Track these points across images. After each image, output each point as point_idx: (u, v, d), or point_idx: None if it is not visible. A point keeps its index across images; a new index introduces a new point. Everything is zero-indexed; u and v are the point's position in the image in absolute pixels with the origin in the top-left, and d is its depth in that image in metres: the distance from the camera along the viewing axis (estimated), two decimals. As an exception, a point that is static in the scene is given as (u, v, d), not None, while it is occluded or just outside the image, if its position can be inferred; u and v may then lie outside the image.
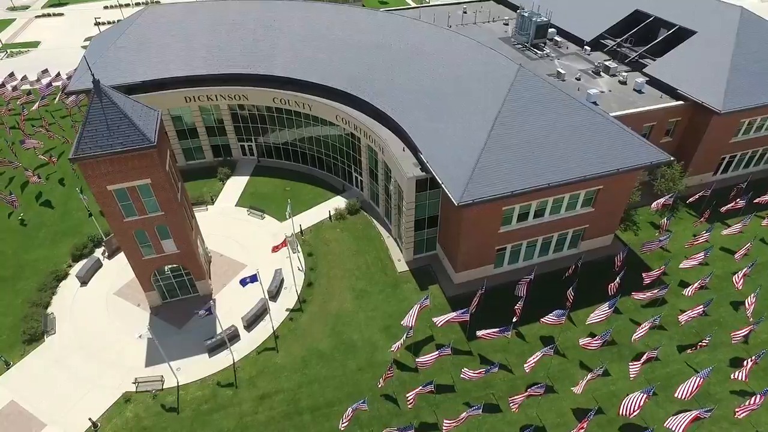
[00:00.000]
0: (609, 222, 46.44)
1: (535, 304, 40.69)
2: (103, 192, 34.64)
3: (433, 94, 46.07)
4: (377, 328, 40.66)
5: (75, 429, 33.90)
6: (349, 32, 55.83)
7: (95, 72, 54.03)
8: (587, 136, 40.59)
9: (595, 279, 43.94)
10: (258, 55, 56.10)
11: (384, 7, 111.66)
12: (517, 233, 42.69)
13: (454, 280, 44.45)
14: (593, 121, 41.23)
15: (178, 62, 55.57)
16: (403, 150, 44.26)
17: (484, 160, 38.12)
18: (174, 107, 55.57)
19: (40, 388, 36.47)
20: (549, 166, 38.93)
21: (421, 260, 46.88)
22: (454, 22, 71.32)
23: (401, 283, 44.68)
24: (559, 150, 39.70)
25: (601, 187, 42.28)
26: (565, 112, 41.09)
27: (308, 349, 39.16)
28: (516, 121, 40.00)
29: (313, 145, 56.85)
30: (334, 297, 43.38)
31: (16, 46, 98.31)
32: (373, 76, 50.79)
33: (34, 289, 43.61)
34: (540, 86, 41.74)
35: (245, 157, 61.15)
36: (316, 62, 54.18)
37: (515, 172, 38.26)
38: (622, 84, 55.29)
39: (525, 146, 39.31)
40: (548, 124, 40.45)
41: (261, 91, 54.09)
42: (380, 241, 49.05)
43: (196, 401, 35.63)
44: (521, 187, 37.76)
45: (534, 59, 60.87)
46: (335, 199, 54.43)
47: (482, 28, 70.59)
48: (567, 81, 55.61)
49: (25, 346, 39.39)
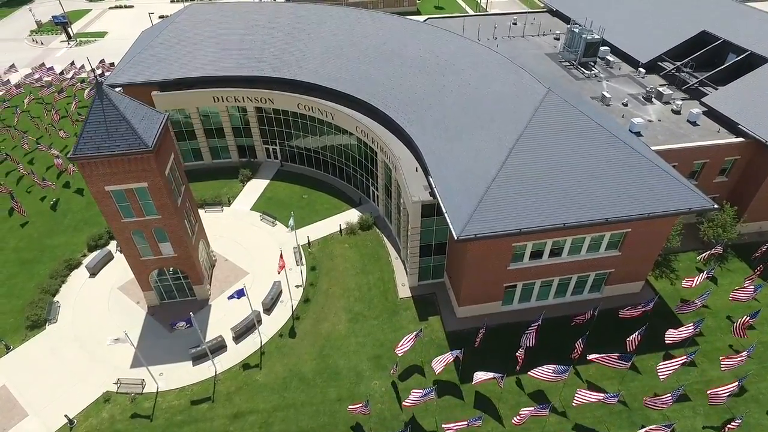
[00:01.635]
0: (639, 268, 41.75)
1: (542, 349, 37.27)
2: (101, 192, 34.86)
3: (455, 112, 43.29)
4: (366, 357, 38.61)
5: (53, 423, 34.37)
6: (379, 41, 53.95)
7: (133, 68, 55.70)
8: (617, 173, 36.40)
9: (615, 330, 39.57)
10: (287, 59, 55.48)
11: (438, 12, 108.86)
12: (530, 271, 39.17)
13: (457, 313, 41.55)
14: (626, 157, 36.93)
15: (210, 62, 55.97)
16: (416, 170, 41.87)
17: (494, 191, 35.01)
18: (203, 106, 56.07)
19: (31, 377, 37.42)
20: (568, 204, 35.21)
21: (425, 287, 44.28)
22: (500, 33, 67.66)
23: (400, 310, 42.33)
24: (582, 186, 35.83)
25: (630, 230, 37.91)
26: (593, 144, 37.10)
27: (291, 370, 37.77)
28: (535, 151, 36.52)
29: (335, 154, 55.54)
30: (328, 317, 41.76)
31: (85, 35, 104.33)
32: (397, 88, 48.65)
33: (46, 275, 45.13)
34: (569, 113, 37.95)
35: (269, 160, 60.89)
36: (343, 70, 52.76)
37: (528, 208, 34.88)
38: (675, 113, 49.81)
39: (542, 179, 35.77)
40: (572, 157, 36.65)
41: (286, 95, 53.38)
42: (387, 262, 46.88)
43: (171, 411, 35.18)
44: (532, 225, 34.36)
45: (579, 79, 56.30)
46: (350, 212, 52.81)
47: (530, 41, 66.45)
48: (612, 106, 50.84)
49: (27, 331, 40.70)
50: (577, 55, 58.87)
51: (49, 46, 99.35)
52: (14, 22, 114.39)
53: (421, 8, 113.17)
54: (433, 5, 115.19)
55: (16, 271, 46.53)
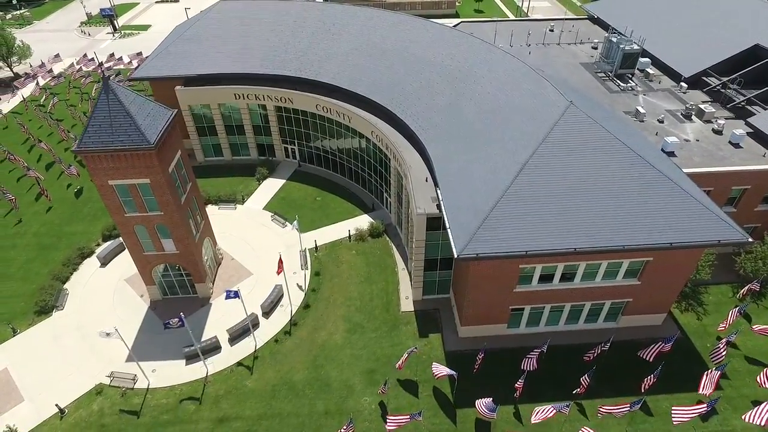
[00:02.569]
0: (661, 299, 38.57)
1: (547, 379, 35.06)
2: (105, 186, 35.05)
3: (471, 122, 41.36)
4: (359, 370, 37.31)
5: (45, 411, 34.84)
6: (403, 44, 52.52)
7: (160, 62, 56.44)
8: (638, 197, 33.59)
9: (629, 364, 36.68)
10: (310, 59, 54.87)
11: (477, 16, 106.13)
12: (538, 295, 36.82)
13: (459, 333, 39.63)
14: (650, 179, 34.04)
15: (234, 59, 56.09)
16: (426, 180, 40.23)
17: (502, 209, 32.96)
18: (224, 102, 56.25)
19: (32, 362, 38.16)
20: (581, 227, 32.73)
21: (430, 302, 42.55)
22: (534, 40, 64.86)
23: (401, 324, 40.80)
24: (599, 209, 33.25)
25: (651, 259, 34.95)
26: (615, 164, 34.40)
27: (282, 377, 36.94)
28: (550, 168, 34.19)
29: (351, 157, 54.50)
30: (326, 325, 40.72)
31: (129, 28, 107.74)
32: (415, 93, 47.11)
33: (60, 262, 46.17)
34: (590, 129, 35.35)
35: (287, 160, 60.53)
36: (363, 72, 51.66)
37: (537, 229, 32.64)
38: (716, 133, 45.99)
39: (555, 199, 33.42)
40: (590, 176, 34.09)
41: (305, 96, 52.76)
42: (393, 272, 45.41)
43: (158, 409, 35.01)
44: (540, 247, 32.11)
45: (613, 92, 53.01)
46: (361, 218, 51.65)
47: (565, 49, 63.33)
48: (646, 122, 47.49)
49: (35, 316, 41.65)
50: (613, 67, 55.50)
51: (96, 37, 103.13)
52: (69, 13, 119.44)
53: (460, 11, 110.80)
54: (473, 8, 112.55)
55: (34, 256, 47.90)
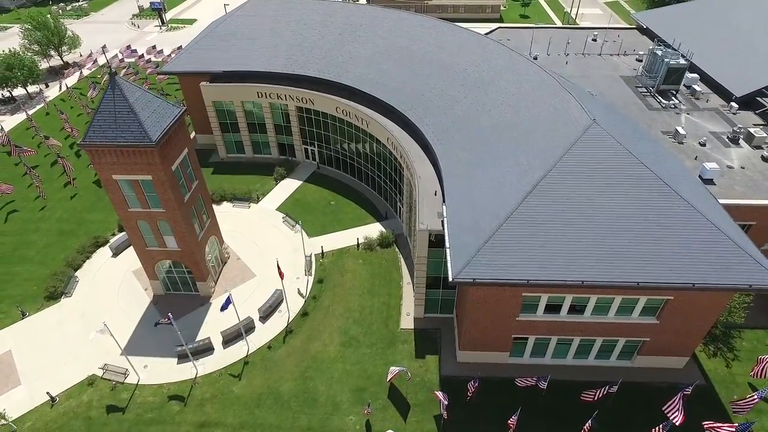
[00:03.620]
0: (683, 341, 35.03)
1: (546, 416, 32.55)
2: (109, 180, 35.29)
3: (488, 135, 39.12)
4: (348, 387, 35.93)
5: (38, 397, 35.48)
6: (428, 49, 50.67)
7: (189, 57, 57.08)
8: (660, 229, 30.47)
9: (640, 409, 33.53)
10: (334, 60, 53.95)
11: (523, 22, 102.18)
12: (544, 326, 34.23)
13: (458, 357, 37.50)
14: (676, 210, 30.81)
15: (259, 57, 55.93)
16: (435, 194, 38.35)
17: (506, 232, 30.69)
18: (247, 100, 56.21)
19: (35, 347, 39.08)
20: (592, 258, 30.00)
21: (431, 321, 40.60)
22: (573, 49, 61.33)
23: (398, 341, 39.10)
24: (614, 240, 30.39)
25: (671, 298, 31.69)
26: (636, 191, 31.36)
27: (270, 386, 36.09)
28: (563, 191, 31.58)
29: (368, 163, 53.16)
30: (321, 336, 39.59)
31: (176, 22, 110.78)
32: (435, 101, 45.25)
33: (75, 249, 47.32)
34: (612, 152, 32.43)
35: (307, 161, 59.90)
36: (385, 77, 50.21)
37: (542, 256, 30.18)
38: (765, 161, 41.62)
39: (566, 226, 30.82)
40: (607, 204, 31.23)
41: (325, 97, 51.83)
42: (398, 286, 43.74)
43: (144, 406, 34.93)
44: (544, 277, 29.65)
45: (653, 109, 49.14)
46: (373, 226, 50.22)
47: (606, 61, 59.51)
48: (685, 144, 43.62)
49: (44, 301, 42.75)
50: (656, 82, 51.46)
51: (144, 29, 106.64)
52: (123, 6, 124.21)
53: (504, 16, 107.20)
54: (518, 14, 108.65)
55: (53, 241, 49.39)
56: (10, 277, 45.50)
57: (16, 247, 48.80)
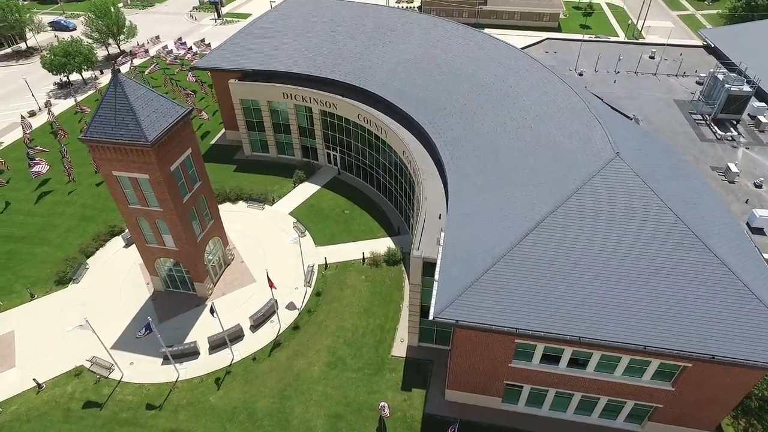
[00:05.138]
0: (704, 413, 30.53)
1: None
2: (109, 176, 35.41)
3: (502, 157, 36.02)
4: (325, 412, 34.15)
5: (28, 382, 36.24)
6: (458, 59, 47.85)
7: (221, 53, 57.37)
8: (680, 287, 26.44)
9: (640, 487, 29.55)
10: (362, 65, 52.27)
11: (582, 32, 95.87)
12: (540, 376, 30.86)
13: (446, 395, 34.74)
14: (703, 266, 26.63)
15: (287, 57, 55.24)
16: (439, 217, 35.76)
17: (499, 271, 27.74)
18: (273, 100, 55.64)
19: (36, 330, 40.12)
20: (595, 312, 26.49)
21: (425, 351, 38.02)
22: (625, 66, 56.29)
23: (386, 369, 36.85)
24: (624, 293, 26.68)
25: (690, 366, 27.50)
26: (656, 241, 27.42)
27: (246, 401, 34.97)
28: (570, 231, 28.15)
29: (386, 174, 51.07)
30: (308, 353, 38.05)
31: (232, 16, 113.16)
32: (456, 115, 42.60)
33: (91, 236, 48.50)
34: (634, 191, 28.55)
35: (329, 166, 58.61)
36: (410, 86, 47.93)
37: (538, 303, 27.00)
38: (833, 212, 35.71)
39: (568, 271, 27.41)
40: (619, 251, 27.49)
41: (348, 103, 50.23)
42: (397, 308, 41.44)
43: (121, 405, 34.83)
44: (538, 327, 26.48)
45: (705, 140, 43.84)
46: (383, 240, 48.11)
47: (660, 81, 54.10)
48: (737, 184, 38.45)
49: (54, 285, 43.96)
50: (713, 109, 45.91)
51: (200, 22, 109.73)
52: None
53: (563, 25, 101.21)
54: (579, 23, 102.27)
55: (74, 225, 50.97)
56: (30, 257, 47.27)
57: (41, 228, 50.74)
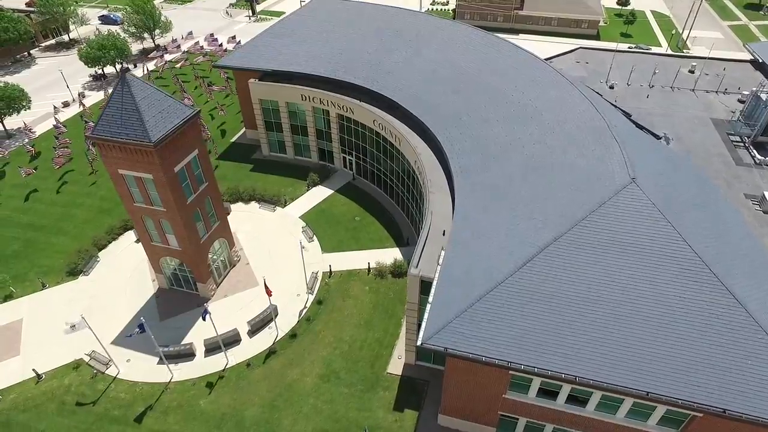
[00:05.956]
0: (716, 466, 28.04)
1: None
2: (115, 173, 35.64)
3: (513, 173, 34.28)
4: (313, 427, 33.29)
5: (28, 371, 36.92)
6: (479, 68, 46.24)
7: (243, 53, 57.52)
8: (691, 330, 24.22)
9: None
10: (382, 69, 51.22)
11: (624, 40, 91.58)
12: (537, 410, 29.08)
13: (439, 420, 33.31)
14: (719, 308, 24.30)
15: (307, 59, 54.71)
16: (443, 234, 34.31)
17: (495, 298, 26.18)
18: (292, 101, 55.27)
19: (43, 320, 40.92)
20: (596, 350, 24.59)
21: (422, 371, 36.67)
22: (661, 80, 53.19)
23: (380, 387, 35.72)
24: (628, 332, 24.66)
25: (701, 416, 25.19)
26: (668, 277, 25.23)
27: (235, 408, 34.54)
28: (576, 261, 26.27)
29: (399, 182, 49.86)
30: (302, 364, 37.32)
31: (266, 14, 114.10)
32: (472, 128, 40.96)
33: (105, 229, 49.29)
34: (648, 221, 26.39)
35: (344, 170, 57.82)
36: (428, 94, 46.51)
37: (534, 336, 25.30)
38: None
39: (569, 304, 25.57)
40: (628, 286, 25.44)
41: (364, 108, 49.25)
42: (398, 323, 40.21)
43: (113, 402, 35.00)
44: (532, 362, 24.79)
45: (741, 164, 40.66)
46: (392, 250, 46.92)
47: (698, 98, 50.78)
48: (772, 215, 35.28)
49: (65, 275, 44.85)
50: (753, 131, 42.56)
51: (235, 19, 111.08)
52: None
53: (603, 33, 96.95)
54: (619, 32, 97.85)
55: (91, 217, 51.97)
56: (47, 246, 48.43)
57: (60, 218, 51.98)
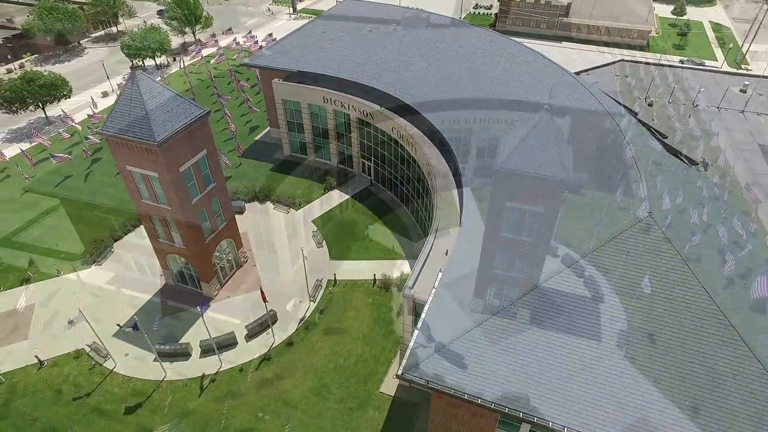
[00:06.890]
0: None
1: None
2: (124, 170, 35.98)
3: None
4: (297, 444, 32.52)
5: (32, 356, 37.84)
6: (504, 79, 44.10)
7: (272, 52, 57.62)
8: (701, 385, 21.64)
9: None
10: (405, 75, 49.78)
11: (675, 53, 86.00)
12: (527, 452, 27.06)
13: (426, 448, 31.75)
14: (734, 365, 21.62)
15: (331, 61, 53.95)
16: (446, 253, 32.66)
17: (484, 332, 24.37)
18: (314, 103, 54.73)
19: (52, 306, 41.93)
20: (595, 398, 22.43)
21: (416, 393, 34.87)
22: (706, 99, 49.15)
23: (370, 406, 34.45)
24: (630, 382, 22.36)
25: (706, 483, 22.57)
26: (678, 319, 22.67)
27: (222, 414, 34.08)
28: (580, 296, 24.06)
29: (414, 192, 48.33)
30: (294, 374, 36.54)
31: (306, 12, 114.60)
32: (488, 141, 38.98)
33: (122, 221, 50.24)
34: (663, 261, 23.86)
35: (363, 175, 56.80)
36: (449, 103, 44.68)
37: (524, 376, 23.37)
38: None
39: (569, 345, 23.45)
40: (635, 331, 23.05)
41: (384, 114, 48.03)
42: (397, 341, 38.64)
43: (107, 396, 35.33)
44: (517, 407, 22.90)
45: (787, 199, 36.76)
46: (400, 262, 45.52)
47: (748, 121, 46.53)
48: (817, 259, 31.52)
49: (79, 264, 45.94)
50: (805, 161, 38.51)
51: (276, 16, 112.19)
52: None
53: (653, 45, 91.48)
54: (672, 43, 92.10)
55: (112, 208, 53.10)
56: (68, 234, 49.80)
57: (84, 206, 53.45)
